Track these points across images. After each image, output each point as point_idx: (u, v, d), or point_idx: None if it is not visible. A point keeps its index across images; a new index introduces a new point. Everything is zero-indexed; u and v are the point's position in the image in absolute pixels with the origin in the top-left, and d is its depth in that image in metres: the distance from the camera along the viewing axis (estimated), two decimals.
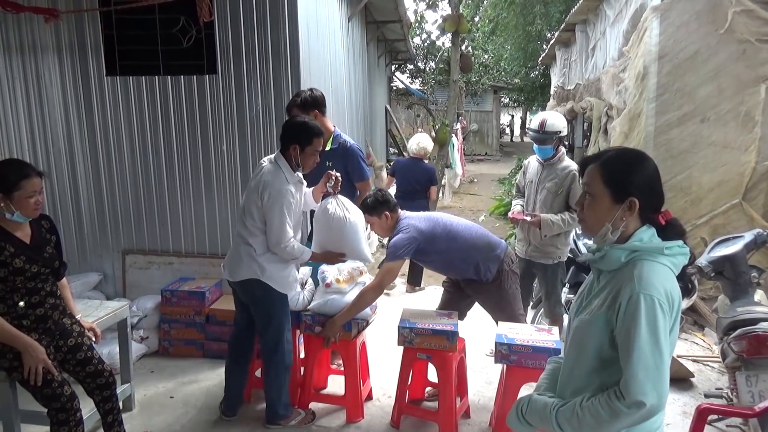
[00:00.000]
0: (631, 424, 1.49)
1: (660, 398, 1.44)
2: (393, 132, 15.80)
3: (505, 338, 3.14)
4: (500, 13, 19.66)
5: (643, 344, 1.44)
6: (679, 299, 1.52)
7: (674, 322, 1.51)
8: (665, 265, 1.52)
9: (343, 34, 6.57)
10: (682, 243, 1.56)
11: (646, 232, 1.57)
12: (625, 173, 1.58)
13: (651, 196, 1.57)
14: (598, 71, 7.75)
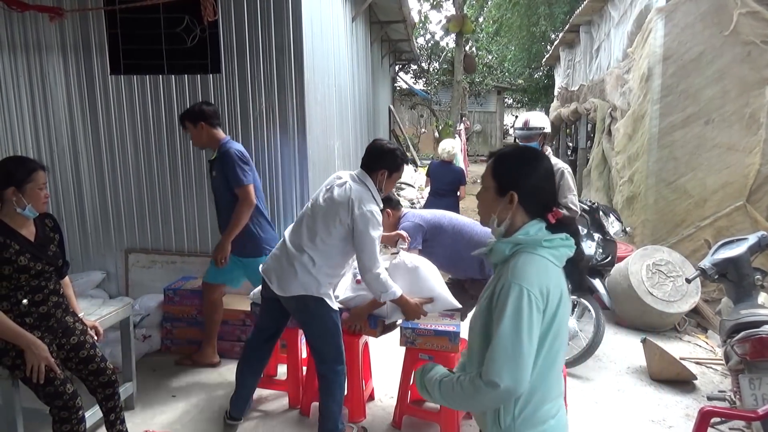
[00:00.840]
0: (490, 402, 1.58)
1: (516, 383, 1.50)
2: (396, 132, 15.81)
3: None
4: (504, 14, 19.66)
5: (504, 330, 1.52)
6: (561, 290, 1.59)
7: (557, 310, 1.57)
8: (545, 258, 1.58)
9: (347, 34, 6.57)
10: (565, 236, 1.61)
11: (534, 227, 1.63)
12: (510, 168, 1.67)
13: (534, 193, 1.64)
14: (602, 72, 7.74)
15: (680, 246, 5.28)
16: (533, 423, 1.61)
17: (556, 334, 1.59)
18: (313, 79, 4.55)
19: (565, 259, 1.63)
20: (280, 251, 3.07)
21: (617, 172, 6.26)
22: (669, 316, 4.84)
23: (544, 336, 1.57)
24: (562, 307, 1.59)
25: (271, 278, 3.03)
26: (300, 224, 3.05)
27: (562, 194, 3.98)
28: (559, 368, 1.68)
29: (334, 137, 5.66)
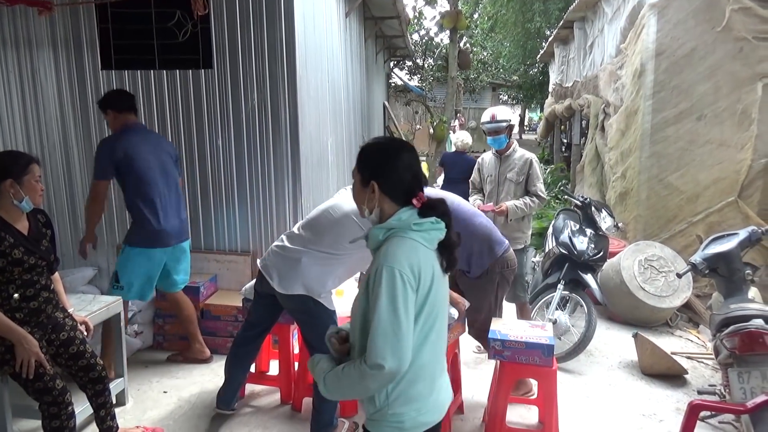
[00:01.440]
0: (377, 385, 1.62)
1: (399, 362, 1.56)
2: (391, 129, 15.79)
3: (499, 334, 3.14)
4: (499, 10, 19.64)
5: (382, 312, 1.57)
6: (434, 271, 1.67)
7: (430, 290, 1.65)
8: (415, 240, 1.66)
9: (341, 30, 6.55)
10: (435, 219, 1.69)
11: (405, 212, 1.70)
12: (370, 161, 1.76)
13: (394, 182, 1.71)
14: (595, 68, 7.75)
15: (672, 241, 5.30)
16: (406, 400, 1.67)
17: (429, 313, 1.67)
18: (306, 74, 4.54)
19: (436, 242, 1.71)
20: (283, 248, 3.03)
21: (610, 168, 6.27)
22: (661, 311, 4.87)
23: (417, 314, 1.64)
24: (434, 287, 1.66)
25: (272, 274, 2.99)
26: (313, 225, 3.01)
27: (531, 182, 4.17)
28: (436, 347, 1.73)
29: (328, 133, 5.65)
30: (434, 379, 1.74)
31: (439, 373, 1.77)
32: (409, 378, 1.66)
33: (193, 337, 4.08)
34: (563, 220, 4.78)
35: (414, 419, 1.69)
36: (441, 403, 1.77)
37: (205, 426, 3.36)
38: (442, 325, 1.76)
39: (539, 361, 3.04)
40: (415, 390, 1.68)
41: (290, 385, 3.62)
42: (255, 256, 4.49)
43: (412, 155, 1.76)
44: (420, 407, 1.69)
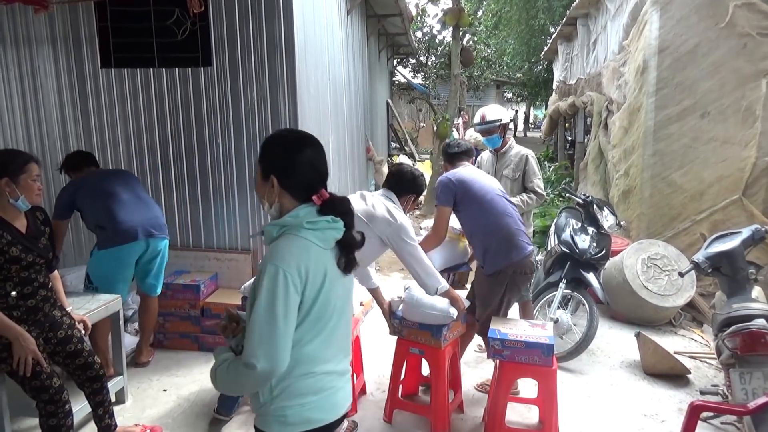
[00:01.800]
0: (250, 385, 1.60)
1: (272, 363, 1.53)
2: (395, 126, 15.76)
3: (498, 333, 3.12)
4: (503, 7, 19.57)
5: (260, 311, 1.53)
6: (326, 271, 1.62)
7: (321, 289, 1.61)
8: (306, 239, 1.60)
9: (342, 28, 6.52)
10: (331, 218, 1.65)
11: (303, 209, 1.65)
12: (269, 154, 1.69)
13: (294, 177, 1.66)
14: (599, 65, 7.71)
15: (676, 240, 5.26)
16: (291, 395, 1.64)
17: (321, 313, 1.63)
18: (305, 72, 4.52)
19: (332, 241, 1.67)
20: None
21: (613, 166, 6.23)
22: (664, 310, 4.83)
23: (305, 314, 1.60)
24: (327, 287, 1.62)
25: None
26: None
27: (528, 179, 4.18)
28: (329, 346, 1.69)
29: (329, 131, 5.63)
30: (326, 377, 1.70)
31: (334, 373, 1.74)
32: (295, 374, 1.63)
33: (143, 341, 4.10)
34: (565, 219, 4.75)
35: (299, 414, 1.66)
36: (335, 402, 1.74)
37: (204, 424, 3.35)
38: (339, 324, 1.72)
39: (539, 361, 3.02)
40: (302, 386, 1.65)
41: None
42: (255, 254, 4.48)
43: (315, 151, 1.71)
44: (305, 403, 1.66)
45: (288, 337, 1.56)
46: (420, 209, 10.62)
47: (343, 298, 1.73)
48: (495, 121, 4.22)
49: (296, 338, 1.60)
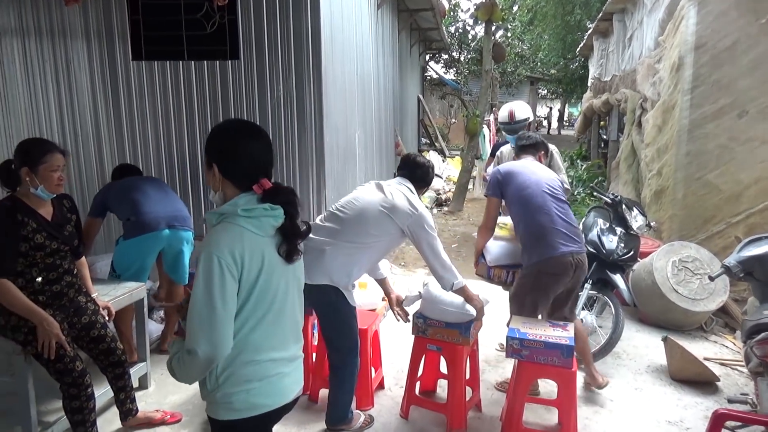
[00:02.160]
0: (195, 371, 1.64)
1: (213, 348, 1.57)
2: (425, 122, 15.68)
3: (518, 333, 3.07)
4: (539, 2, 19.27)
5: (198, 298, 1.58)
6: (263, 257, 1.66)
7: (259, 276, 1.65)
8: (242, 226, 1.64)
9: (372, 22, 6.52)
10: (269, 206, 1.68)
11: (244, 198, 1.70)
12: (212, 142, 1.74)
13: (235, 167, 1.70)
14: (634, 62, 7.52)
15: (709, 243, 5.10)
16: (236, 381, 1.69)
17: (261, 299, 1.67)
18: (332, 66, 4.53)
19: (270, 229, 1.70)
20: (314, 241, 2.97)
21: (646, 165, 6.07)
22: (694, 315, 4.69)
23: (245, 300, 1.65)
24: (266, 273, 1.67)
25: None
26: (338, 216, 3.00)
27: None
28: (274, 332, 1.74)
29: (356, 125, 5.64)
30: (272, 363, 1.74)
31: (281, 359, 1.77)
32: (239, 361, 1.68)
33: (169, 328, 4.17)
34: (593, 218, 4.65)
35: (245, 400, 1.70)
36: (281, 388, 1.77)
37: None
38: (283, 311, 1.76)
39: (558, 362, 2.97)
40: (246, 372, 1.69)
41: (308, 376, 3.62)
42: None
43: (257, 141, 1.74)
44: (251, 389, 1.71)
45: (227, 321, 1.60)
46: (448, 206, 10.56)
47: (287, 285, 1.77)
48: (522, 121, 4.20)
49: (238, 325, 1.65)
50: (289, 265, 1.76)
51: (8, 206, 2.56)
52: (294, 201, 1.75)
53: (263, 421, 1.77)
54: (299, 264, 1.84)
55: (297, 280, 1.85)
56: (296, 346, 1.85)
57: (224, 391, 1.70)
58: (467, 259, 7.48)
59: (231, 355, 1.66)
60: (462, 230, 9.10)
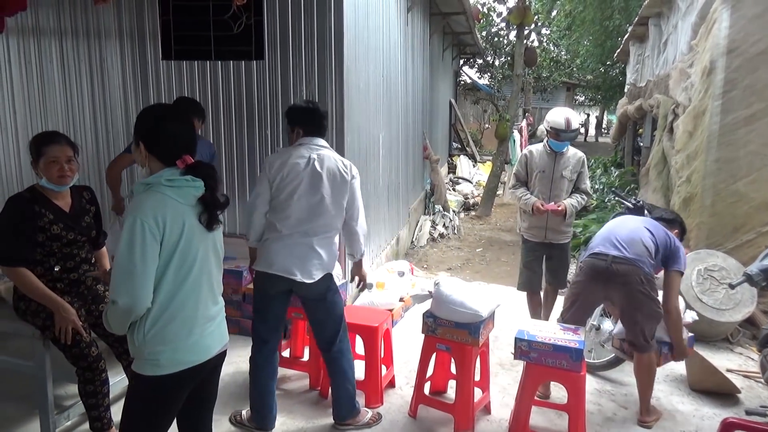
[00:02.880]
0: (117, 320, 1.84)
1: (132, 299, 1.77)
2: (457, 127, 15.63)
3: (527, 335, 3.05)
4: (576, 7, 19.00)
5: (121, 254, 1.78)
6: (184, 223, 1.86)
7: (180, 240, 1.85)
8: (164, 194, 1.85)
9: (401, 25, 6.55)
10: (191, 178, 1.90)
11: (168, 172, 1.90)
12: (139, 122, 1.95)
13: (159, 145, 1.91)
14: (668, 67, 7.36)
15: (738, 252, 4.94)
16: (162, 340, 1.86)
17: (182, 261, 1.87)
18: (355, 67, 4.58)
19: (191, 198, 1.90)
20: (292, 242, 2.97)
21: (676, 172, 5.93)
22: (720, 325, 4.56)
23: (167, 261, 1.84)
24: (185, 237, 1.86)
25: (293, 271, 2.95)
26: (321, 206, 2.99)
27: (581, 180, 4.32)
28: (195, 294, 1.92)
29: (380, 127, 5.67)
30: (194, 322, 1.92)
31: (202, 318, 1.96)
32: (164, 319, 1.86)
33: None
34: None
35: (170, 358, 1.87)
36: (203, 346, 1.96)
37: (234, 403, 3.47)
38: (203, 273, 1.95)
39: (567, 365, 2.94)
40: (171, 331, 1.87)
41: (319, 372, 3.67)
42: None
43: (177, 123, 1.96)
44: (176, 347, 1.88)
45: (146, 276, 1.79)
46: (476, 211, 10.49)
47: (206, 251, 1.96)
48: (576, 130, 4.24)
49: (163, 285, 1.84)
50: (209, 233, 1.96)
51: (27, 197, 2.68)
52: (213, 175, 1.95)
53: (186, 377, 1.93)
54: (218, 233, 2.04)
55: (215, 247, 2.04)
56: (216, 307, 2.04)
57: (150, 348, 1.86)
58: (491, 263, 7.45)
59: (156, 314, 1.84)
60: (488, 235, 9.05)
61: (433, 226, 8.69)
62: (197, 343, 1.94)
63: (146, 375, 1.88)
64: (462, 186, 11.85)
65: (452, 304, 3.18)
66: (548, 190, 4.26)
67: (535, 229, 4.32)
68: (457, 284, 3.31)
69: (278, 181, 2.96)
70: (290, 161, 2.96)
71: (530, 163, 4.35)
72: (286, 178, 2.95)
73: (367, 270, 4.79)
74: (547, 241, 4.31)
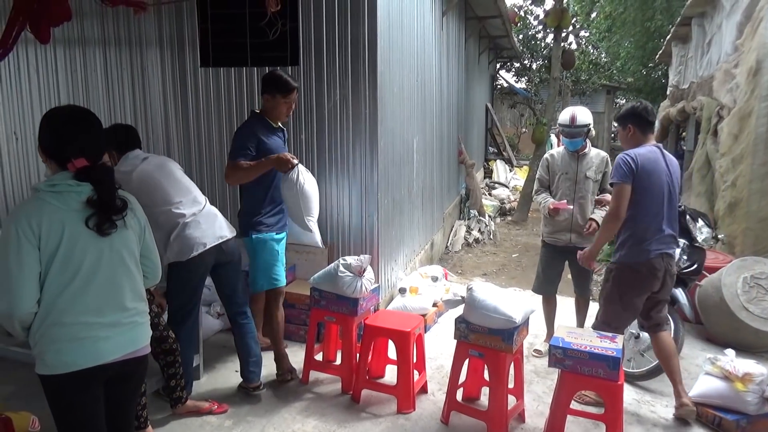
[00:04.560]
0: (4, 323, 1.89)
1: (10, 306, 1.82)
2: (494, 131, 15.49)
3: (562, 342, 2.99)
4: (617, 9, 18.61)
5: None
6: (64, 228, 1.86)
7: (60, 245, 1.86)
8: (44, 200, 1.87)
9: (436, 29, 6.54)
10: (73, 183, 1.90)
11: (59, 175, 1.93)
12: (40, 126, 1.98)
13: (51, 147, 1.95)
14: (712, 68, 7.13)
15: None
16: (48, 341, 1.90)
17: (65, 266, 1.88)
18: (389, 72, 4.58)
19: (74, 203, 1.90)
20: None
21: (720, 176, 5.74)
22: (767, 336, 4.37)
23: (47, 266, 1.86)
24: (66, 242, 1.87)
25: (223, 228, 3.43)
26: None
27: (607, 180, 4.19)
28: (82, 298, 1.92)
29: (414, 131, 5.66)
30: (83, 327, 1.93)
31: (97, 324, 1.95)
32: (48, 322, 1.89)
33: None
34: None
35: (55, 358, 1.90)
36: (95, 350, 1.94)
37: (266, 406, 3.51)
38: (94, 280, 1.94)
39: (603, 374, 2.87)
40: (55, 333, 1.90)
41: (351, 376, 3.68)
42: (332, 249, 4.61)
43: (72, 125, 1.96)
44: (60, 348, 1.90)
45: (23, 281, 1.83)
46: (512, 216, 10.37)
47: (100, 256, 1.95)
48: (583, 126, 4.11)
49: (45, 289, 1.88)
50: (104, 237, 1.95)
51: None
52: (105, 181, 1.95)
53: (78, 379, 1.94)
54: (127, 237, 2.04)
55: (121, 253, 2.02)
56: (123, 313, 2.02)
57: (39, 348, 1.92)
58: (527, 269, 7.33)
59: (41, 317, 1.89)
60: (524, 240, 8.92)
61: (468, 231, 8.62)
62: (86, 348, 1.94)
63: (40, 374, 1.94)
64: (498, 191, 11.74)
65: (485, 309, 3.14)
66: (572, 192, 4.21)
67: (560, 233, 4.25)
68: (490, 289, 3.26)
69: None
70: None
71: (552, 166, 4.31)
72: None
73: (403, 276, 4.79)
74: (572, 245, 4.19)
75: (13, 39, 3.38)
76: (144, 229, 2.17)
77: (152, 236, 2.23)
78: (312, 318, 3.84)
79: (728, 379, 3.35)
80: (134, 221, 2.10)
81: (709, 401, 3.40)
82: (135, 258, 2.09)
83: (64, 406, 1.97)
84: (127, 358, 2.04)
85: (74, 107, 2.10)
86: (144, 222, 2.17)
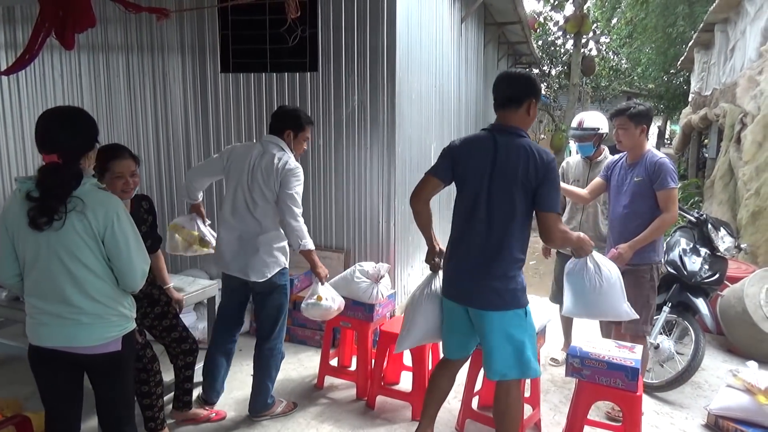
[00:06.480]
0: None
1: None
2: None
3: (579, 351, 2.95)
4: (638, 15, 18.42)
5: None
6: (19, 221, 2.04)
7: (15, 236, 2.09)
8: (15, 191, 2.09)
9: (454, 35, 6.54)
10: (25, 177, 2.09)
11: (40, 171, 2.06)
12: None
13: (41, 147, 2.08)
14: (735, 74, 7.02)
15: None
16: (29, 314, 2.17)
17: (21, 254, 2.11)
18: (407, 78, 4.59)
19: (20, 197, 2.04)
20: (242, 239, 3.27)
21: (744, 184, 5.64)
22: None
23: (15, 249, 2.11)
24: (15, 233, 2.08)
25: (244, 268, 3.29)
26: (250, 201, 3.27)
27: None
28: (33, 284, 2.11)
29: (432, 137, 5.65)
30: (34, 309, 2.14)
31: (39, 310, 2.12)
32: (25, 296, 2.17)
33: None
34: (677, 238, 4.40)
35: (28, 327, 2.18)
36: (38, 332, 2.14)
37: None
38: (37, 270, 2.08)
39: (622, 384, 2.83)
40: (29, 308, 2.16)
41: (366, 382, 3.67)
42: (348, 253, 4.62)
43: (45, 120, 2.09)
44: (26, 322, 2.19)
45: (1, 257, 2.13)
46: None
47: (38, 250, 2.07)
48: (592, 129, 4.03)
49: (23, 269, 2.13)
50: (45, 233, 2.03)
51: None
52: (45, 176, 2.01)
53: (35, 353, 2.17)
54: (65, 236, 2.04)
55: (56, 251, 2.06)
56: (59, 307, 2.10)
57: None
58: (545, 276, 7.26)
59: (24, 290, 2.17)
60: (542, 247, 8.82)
61: None
62: (33, 327, 2.16)
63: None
64: None
65: None
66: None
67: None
68: None
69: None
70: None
71: (566, 174, 4.25)
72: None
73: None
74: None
75: (39, 45, 3.46)
76: (104, 234, 2.07)
77: (127, 243, 2.13)
78: (327, 323, 3.85)
79: (750, 392, 3.28)
80: (83, 224, 2.03)
81: (731, 414, 3.33)
82: (79, 259, 2.06)
83: (33, 374, 2.22)
84: (71, 351, 2.14)
85: (62, 107, 2.27)
86: (107, 227, 2.07)
